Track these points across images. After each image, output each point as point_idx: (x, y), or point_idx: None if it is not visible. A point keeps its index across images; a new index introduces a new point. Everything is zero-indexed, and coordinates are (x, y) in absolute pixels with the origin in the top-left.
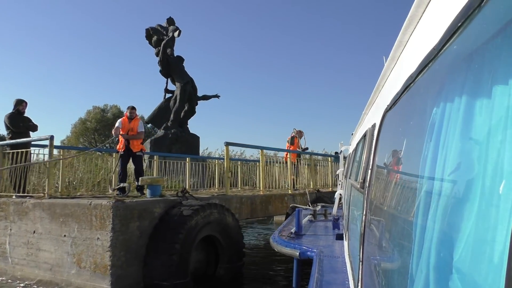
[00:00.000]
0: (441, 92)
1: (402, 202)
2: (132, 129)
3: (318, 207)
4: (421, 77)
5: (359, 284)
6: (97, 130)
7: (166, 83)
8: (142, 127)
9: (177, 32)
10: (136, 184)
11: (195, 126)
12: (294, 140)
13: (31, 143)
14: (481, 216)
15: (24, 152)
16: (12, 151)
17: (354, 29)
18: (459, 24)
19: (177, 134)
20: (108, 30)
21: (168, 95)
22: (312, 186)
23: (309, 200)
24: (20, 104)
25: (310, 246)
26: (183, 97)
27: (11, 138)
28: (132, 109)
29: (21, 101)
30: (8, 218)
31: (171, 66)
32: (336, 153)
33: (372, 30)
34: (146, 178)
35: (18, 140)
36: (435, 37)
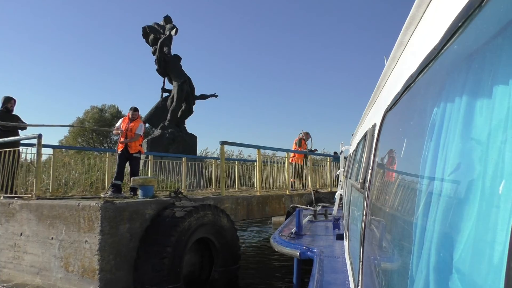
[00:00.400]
0: (442, 92)
1: (403, 202)
2: (131, 130)
3: (319, 207)
4: (422, 77)
5: (359, 284)
6: (95, 130)
7: (163, 82)
8: (142, 130)
9: (174, 30)
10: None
11: (194, 126)
12: (301, 142)
13: (20, 142)
14: (481, 217)
15: (12, 151)
16: None
17: (354, 29)
18: (459, 24)
19: (174, 133)
20: (105, 29)
21: (165, 94)
22: (311, 186)
23: (313, 198)
24: (9, 101)
25: (310, 246)
26: (180, 96)
27: None
28: (134, 111)
29: (9, 99)
30: None
31: (168, 65)
32: (335, 153)
33: (372, 30)
34: (138, 178)
35: (6, 139)
36: (436, 37)
